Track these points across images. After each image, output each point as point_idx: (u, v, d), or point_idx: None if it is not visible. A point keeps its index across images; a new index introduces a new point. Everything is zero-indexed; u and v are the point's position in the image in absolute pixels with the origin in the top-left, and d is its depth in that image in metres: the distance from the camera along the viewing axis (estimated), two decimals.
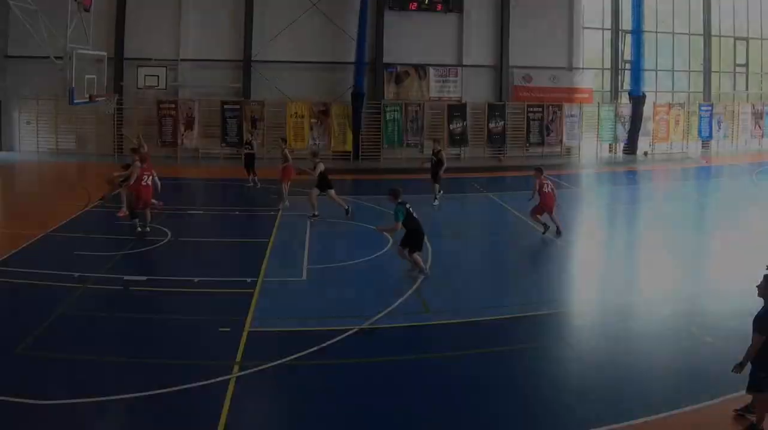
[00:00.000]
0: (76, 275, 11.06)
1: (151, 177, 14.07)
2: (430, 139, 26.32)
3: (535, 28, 26.90)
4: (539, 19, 26.99)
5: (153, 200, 14.32)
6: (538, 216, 14.35)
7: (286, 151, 18.12)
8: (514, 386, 7.48)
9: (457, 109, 26.63)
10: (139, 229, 13.74)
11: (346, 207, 15.68)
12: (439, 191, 17.96)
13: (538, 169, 14.87)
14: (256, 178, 19.97)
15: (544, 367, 7.99)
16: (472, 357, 8.20)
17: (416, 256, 11.21)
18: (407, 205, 11.27)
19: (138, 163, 14.05)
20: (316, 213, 15.32)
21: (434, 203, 17.56)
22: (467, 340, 8.83)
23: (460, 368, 7.93)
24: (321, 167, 15.61)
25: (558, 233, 14.09)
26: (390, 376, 7.73)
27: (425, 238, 11.64)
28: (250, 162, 20.08)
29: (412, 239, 11.18)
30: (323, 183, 15.59)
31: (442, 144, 26.19)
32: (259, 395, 7.41)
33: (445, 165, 18.12)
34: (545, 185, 14.33)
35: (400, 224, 11.08)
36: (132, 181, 13.88)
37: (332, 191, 15.75)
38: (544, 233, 14.15)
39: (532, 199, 14.47)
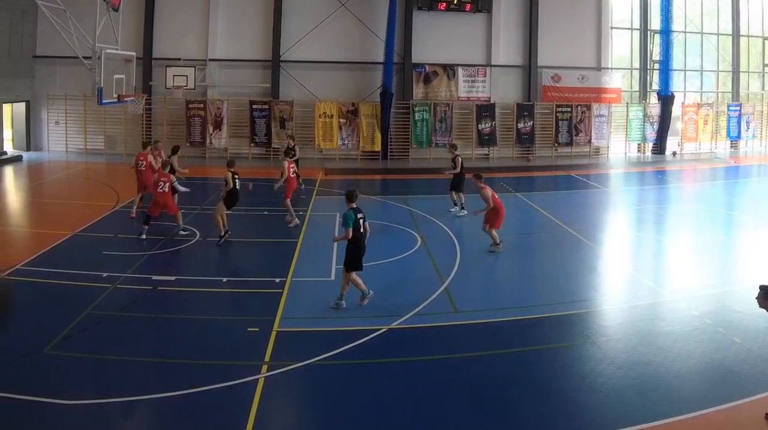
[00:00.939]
0: (105, 274, 11.07)
1: (168, 184, 13.78)
2: (457, 140, 26.46)
3: (564, 28, 26.82)
4: (568, 19, 26.91)
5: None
6: (490, 228, 12.99)
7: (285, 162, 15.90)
8: (542, 385, 7.43)
9: (485, 109, 26.53)
10: (143, 236, 13.42)
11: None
12: (459, 204, 16.73)
13: (477, 175, 13.43)
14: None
15: (572, 366, 7.97)
16: (500, 357, 8.20)
17: (355, 276, 9.68)
18: (359, 214, 9.71)
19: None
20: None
21: (452, 211, 16.78)
22: (495, 340, 8.82)
23: (488, 368, 7.91)
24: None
25: (496, 245, 12.94)
26: (418, 376, 7.70)
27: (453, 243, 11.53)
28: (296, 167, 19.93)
29: (353, 256, 9.64)
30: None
31: (472, 146, 26.39)
32: (287, 395, 7.39)
33: (457, 169, 16.85)
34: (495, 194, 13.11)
35: (350, 232, 9.48)
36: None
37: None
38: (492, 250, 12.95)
39: (485, 210, 13.07)
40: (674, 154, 28.20)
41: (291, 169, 15.75)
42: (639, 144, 28.45)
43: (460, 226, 15.42)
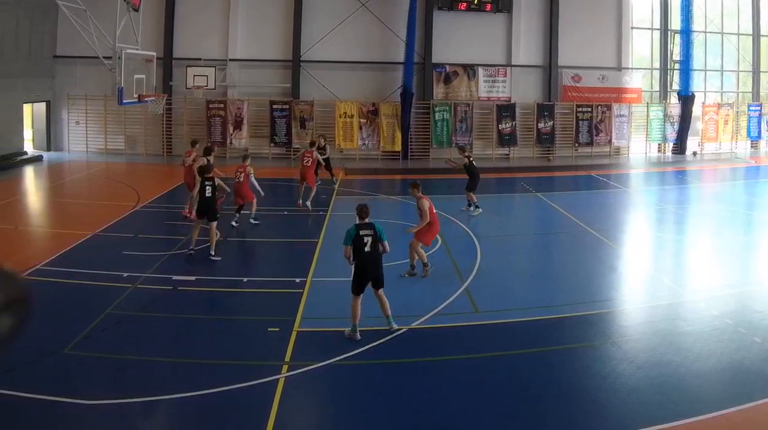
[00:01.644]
0: (125, 274, 11.04)
1: (244, 175, 14.64)
2: (477, 140, 26.47)
3: (585, 28, 26.75)
4: (588, 19, 26.83)
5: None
6: (416, 244, 11.29)
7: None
8: (562, 385, 7.39)
9: (506, 109, 26.48)
10: (235, 223, 14.62)
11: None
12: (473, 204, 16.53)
13: (414, 184, 11.62)
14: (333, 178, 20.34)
15: (593, 366, 7.93)
16: (520, 357, 8.18)
17: (356, 302, 8.63)
18: (364, 230, 8.72)
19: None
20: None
21: (463, 209, 16.70)
22: (516, 340, 8.79)
23: (508, 368, 7.91)
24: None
25: (416, 269, 11.37)
26: (439, 376, 7.68)
27: (476, 243, 11.31)
28: (328, 166, 20.04)
29: (354, 277, 8.76)
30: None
31: (492, 146, 26.32)
32: (307, 395, 7.37)
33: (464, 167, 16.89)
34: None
35: (348, 249, 8.62)
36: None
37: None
38: (411, 273, 11.36)
39: (420, 225, 11.37)
40: (694, 154, 28.12)
41: (308, 159, 16.79)
42: (659, 144, 28.37)
43: (480, 226, 15.36)
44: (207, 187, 12.36)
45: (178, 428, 6.70)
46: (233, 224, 14.63)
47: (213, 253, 12.19)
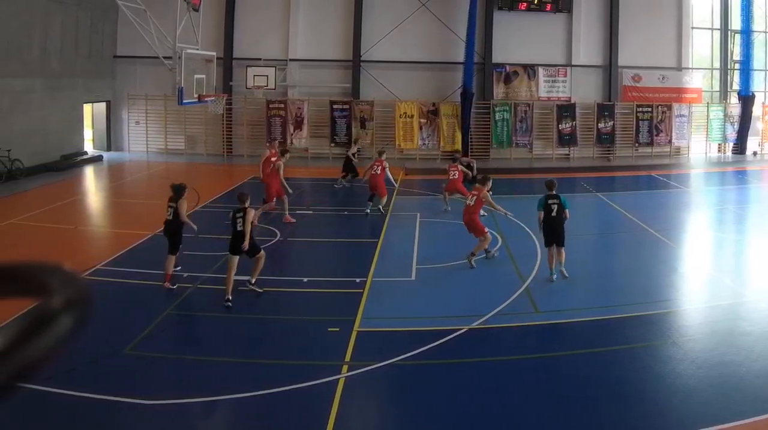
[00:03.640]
0: (185, 274, 10.99)
1: (381, 168, 16.35)
2: (537, 140, 26.34)
3: (645, 28, 26.56)
4: (648, 19, 26.65)
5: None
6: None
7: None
8: (622, 385, 7.34)
9: (566, 109, 26.32)
10: (368, 211, 15.90)
11: None
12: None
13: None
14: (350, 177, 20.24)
15: (653, 366, 7.87)
16: (580, 357, 8.14)
17: (550, 252, 11.03)
18: (550, 200, 10.93)
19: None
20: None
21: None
22: (576, 340, 8.77)
23: (568, 368, 7.87)
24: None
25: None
26: (498, 376, 7.68)
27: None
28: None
29: (545, 236, 11.09)
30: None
31: (553, 146, 26.16)
32: (367, 395, 7.37)
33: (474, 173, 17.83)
34: None
35: (540, 214, 10.96)
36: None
37: None
38: None
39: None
40: (755, 154, 27.85)
41: (378, 167, 16.61)
42: (719, 144, 28.13)
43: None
44: (170, 209, 10.83)
45: (238, 428, 6.70)
46: (367, 212, 15.81)
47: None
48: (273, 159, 15.51)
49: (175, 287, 10.42)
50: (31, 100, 21.88)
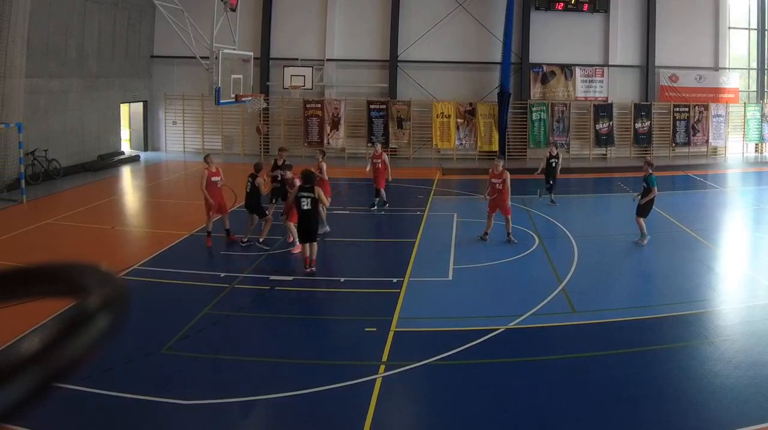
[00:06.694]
0: (222, 274, 10.99)
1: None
2: (574, 140, 26.25)
3: (681, 29, 26.50)
4: (685, 19, 26.58)
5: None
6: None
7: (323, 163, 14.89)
8: (659, 386, 7.25)
9: (603, 109, 26.25)
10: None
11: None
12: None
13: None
14: None
15: (690, 367, 7.84)
16: (617, 357, 8.07)
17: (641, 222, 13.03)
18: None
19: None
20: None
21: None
22: (613, 340, 8.71)
23: (605, 368, 7.79)
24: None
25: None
26: (535, 376, 7.60)
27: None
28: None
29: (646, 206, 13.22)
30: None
31: (590, 146, 26.09)
32: (404, 395, 7.32)
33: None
34: None
35: (654, 190, 12.89)
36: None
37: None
38: None
39: None
40: None
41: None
42: (756, 144, 27.99)
43: (578, 226, 15.19)
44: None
45: (275, 428, 6.68)
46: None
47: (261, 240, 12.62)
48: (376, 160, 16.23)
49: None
50: (68, 101, 21.93)
